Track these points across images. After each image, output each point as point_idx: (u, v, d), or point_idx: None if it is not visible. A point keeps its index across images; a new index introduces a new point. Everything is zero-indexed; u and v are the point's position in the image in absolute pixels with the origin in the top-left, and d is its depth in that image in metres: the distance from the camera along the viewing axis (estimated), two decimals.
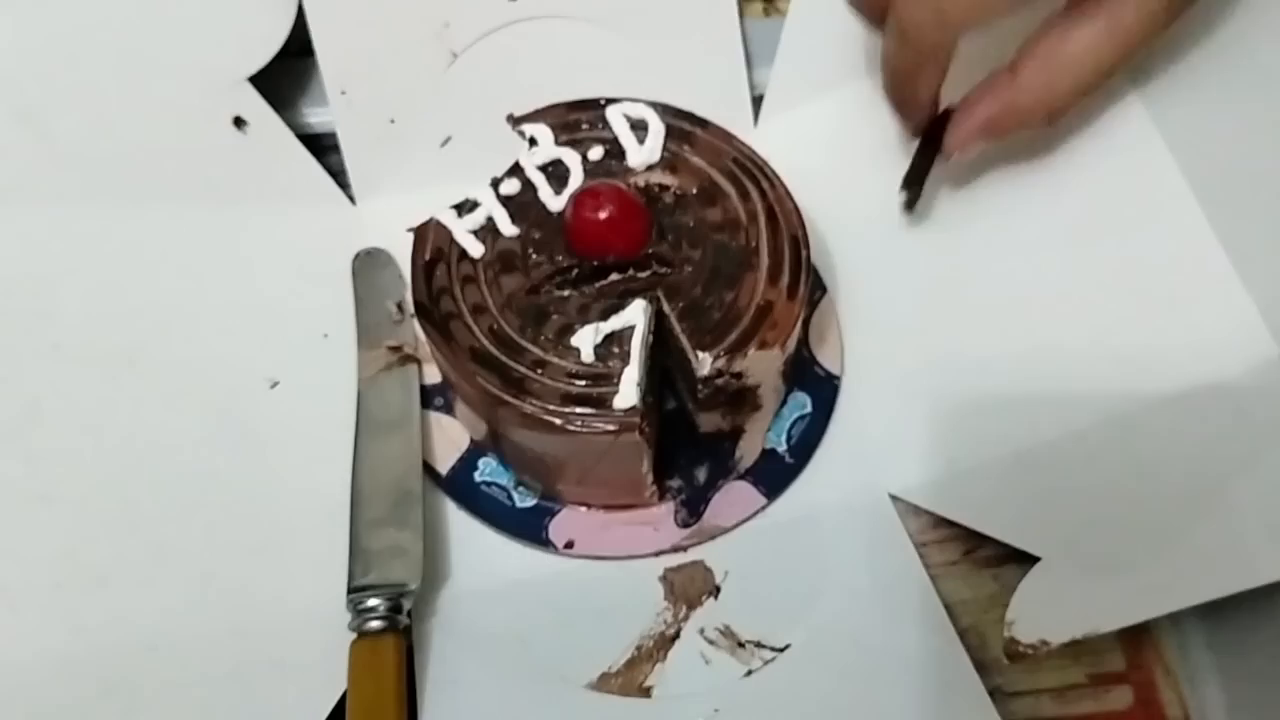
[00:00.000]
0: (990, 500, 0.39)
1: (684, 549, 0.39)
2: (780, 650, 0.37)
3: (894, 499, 0.40)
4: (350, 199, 0.47)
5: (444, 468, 0.41)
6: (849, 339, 0.44)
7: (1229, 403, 0.38)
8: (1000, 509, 0.39)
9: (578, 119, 0.42)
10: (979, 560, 0.39)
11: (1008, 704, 0.36)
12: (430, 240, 0.39)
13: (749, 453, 0.41)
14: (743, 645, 0.37)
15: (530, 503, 0.40)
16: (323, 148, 0.47)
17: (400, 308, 0.43)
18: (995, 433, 0.40)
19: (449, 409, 0.42)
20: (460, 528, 0.40)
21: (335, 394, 0.41)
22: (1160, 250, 0.43)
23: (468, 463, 0.41)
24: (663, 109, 0.41)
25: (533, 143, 0.41)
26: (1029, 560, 0.37)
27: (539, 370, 0.36)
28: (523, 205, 0.40)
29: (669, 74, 0.46)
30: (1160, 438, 0.38)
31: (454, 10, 0.46)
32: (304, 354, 0.43)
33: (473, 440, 0.41)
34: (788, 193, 0.40)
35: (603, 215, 0.37)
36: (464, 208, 0.39)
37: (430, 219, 0.39)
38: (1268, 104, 0.40)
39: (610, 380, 0.36)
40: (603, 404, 0.35)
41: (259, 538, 0.39)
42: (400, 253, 0.45)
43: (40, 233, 0.42)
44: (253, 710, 0.35)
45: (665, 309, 0.37)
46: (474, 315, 0.37)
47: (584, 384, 0.36)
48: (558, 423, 0.35)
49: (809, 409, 0.42)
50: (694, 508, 0.40)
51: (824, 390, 0.43)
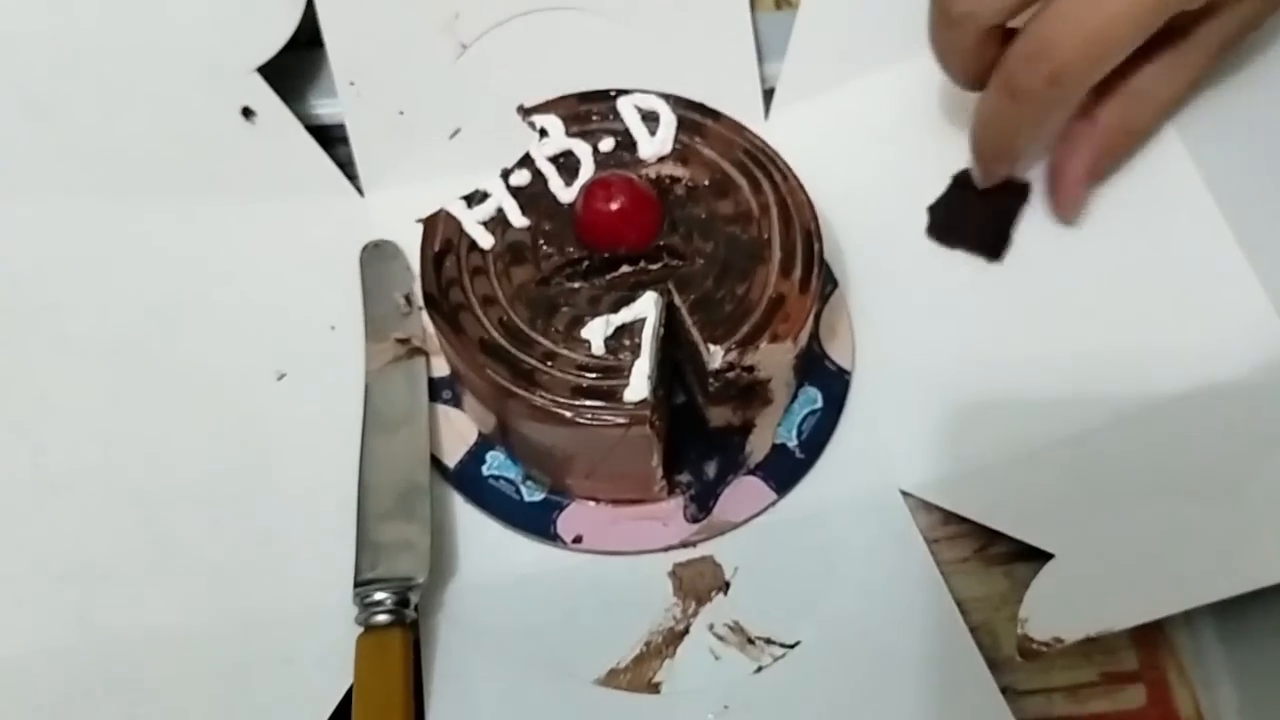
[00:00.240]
0: (1002, 497, 0.39)
1: (693, 544, 0.39)
2: (790, 647, 0.37)
3: (905, 495, 0.40)
4: (358, 190, 0.47)
5: (451, 461, 0.41)
6: (860, 334, 0.44)
7: (1243, 400, 0.38)
8: (1012, 505, 0.38)
9: (588, 110, 0.41)
10: (991, 557, 0.39)
11: (1019, 702, 0.36)
12: (440, 231, 0.39)
13: (759, 448, 0.40)
14: (752, 641, 0.37)
15: (538, 497, 0.40)
16: (331, 139, 0.47)
17: (408, 300, 0.43)
18: (1007, 429, 0.40)
19: (457, 402, 0.42)
20: (468, 522, 0.40)
21: (342, 386, 0.41)
22: (1175, 248, 0.43)
23: (475, 456, 0.41)
24: (674, 100, 0.41)
25: (543, 134, 0.40)
26: (1041, 557, 0.36)
27: (549, 362, 0.36)
28: (533, 196, 0.39)
29: (679, 66, 0.45)
30: (1174, 435, 0.38)
31: (464, 1, 0.46)
32: (311, 346, 0.43)
33: (481, 433, 0.41)
34: (800, 185, 0.39)
35: (614, 207, 0.37)
36: (474, 199, 0.39)
37: (440, 210, 0.39)
38: None
39: (621, 373, 0.35)
40: (613, 397, 0.35)
41: (265, 530, 0.38)
42: (408, 244, 0.45)
43: (48, 224, 0.42)
44: (259, 704, 0.35)
45: (676, 301, 0.37)
46: (484, 307, 0.37)
47: (594, 376, 0.35)
48: (567, 415, 0.35)
49: (820, 404, 0.42)
50: (703, 503, 0.40)
51: (835, 385, 0.42)
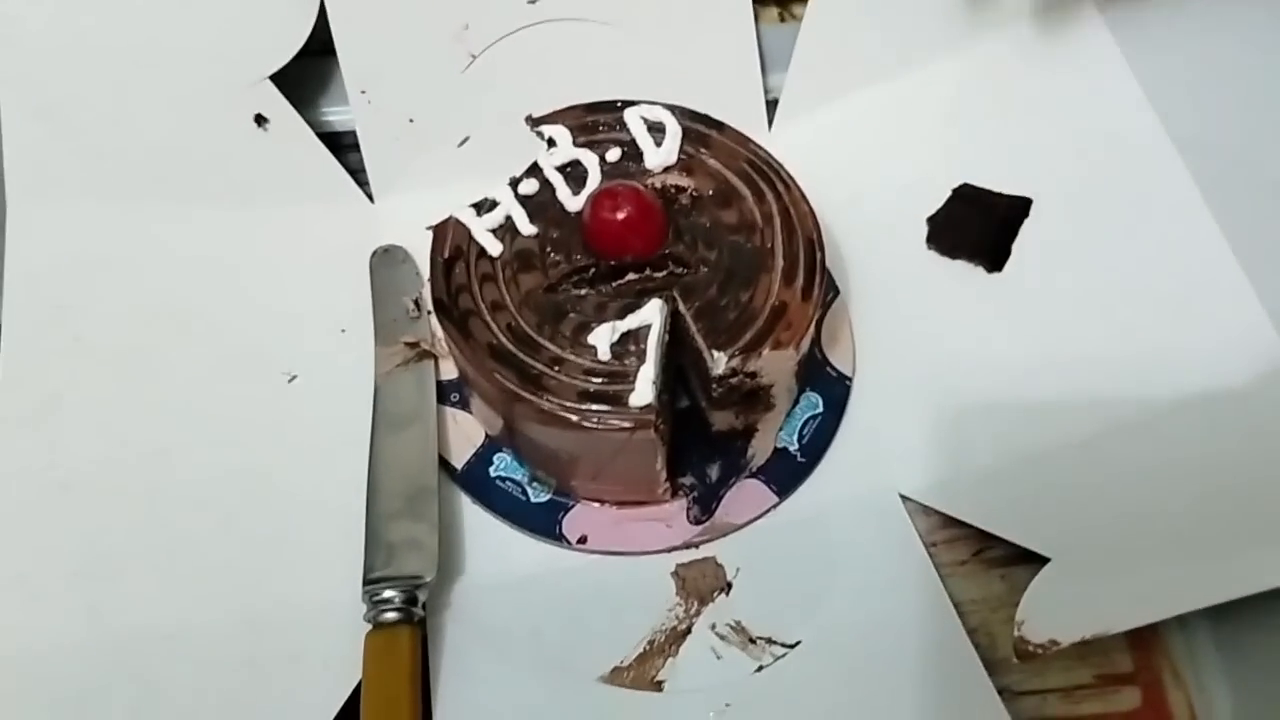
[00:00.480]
0: (1000, 501, 0.40)
1: (696, 546, 0.40)
2: (791, 647, 0.37)
3: (904, 499, 0.40)
4: (369, 197, 0.48)
5: (459, 463, 0.41)
6: (861, 340, 0.44)
7: (1239, 406, 0.38)
8: (1010, 510, 0.39)
9: (596, 120, 0.42)
10: (988, 560, 0.40)
11: (1015, 703, 0.36)
12: (449, 238, 0.39)
13: (761, 451, 0.41)
14: (754, 641, 0.38)
15: (544, 498, 0.41)
16: (342, 146, 0.48)
17: (417, 304, 0.44)
18: (1005, 434, 0.41)
19: (464, 405, 0.42)
20: (475, 522, 0.41)
21: (352, 389, 0.42)
22: (1171, 258, 0.44)
23: (483, 458, 0.41)
24: (680, 111, 0.42)
25: (551, 143, 0.41)
26: (1038, 561, 0.37)
27: (556, 367, 0.37)
28: (541, 205, 0.40)
29: (684, 77, 0.46)
30: (1169, 441, 0.39)
31: (473, 12, 0.47)
32: (322, 349, 0.43)
33: (488, 436, 0.42)
34: (803, 195, 0.40)
35: (620, 216, 0.38)
36: (483, 206, 0.40)
37: (449, 217, 0.40)
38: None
39: (626, 378, 0.36)
40: (619, 401, 0.36)
41: (276, 529, 0.39)
42: (417, 250, 0.45)
43: (62, 226, 0.43)
44: (268, 700, 0.36)
45: (681, 308, 0.38)
46: (492, 313, 0.38)
47: (600, 381, 0.36)
48: (574, 419, 0.36)
49: (821, 409, 0.42)
50: (706, 505, 0.40)
51: (836, 390, 0.43)
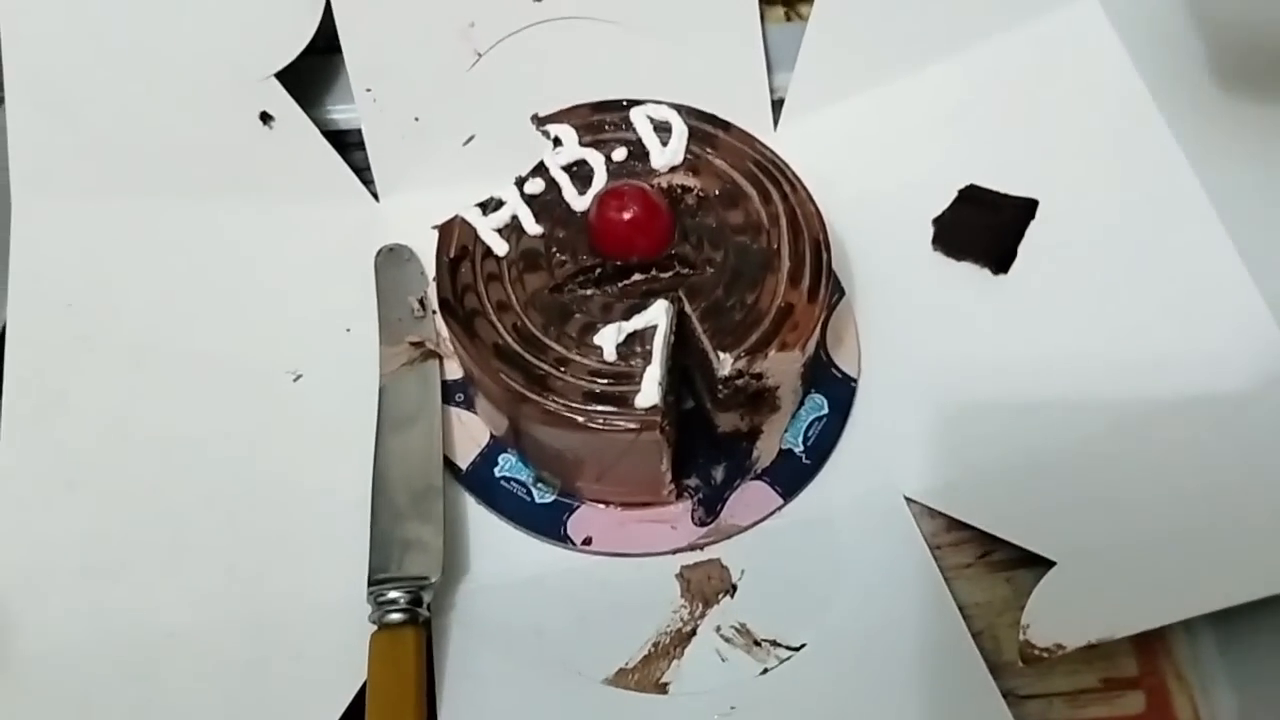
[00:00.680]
0: (1005, 504, 0.39)
1: (701, 547, 0.40)
2: (796, 649, 0.37)
3: (909, 501, 0.40)
4: (374, 195, 0.48)
5: (464, 463, 0.41)
6: (866, 342, 0.44)
7: (1245, 409, 0.38)
8: (1015, 513, 0.39)
9: (601, 120, 0.42)
10: (993, 563, 0.39)
11: (1020, 707, 0.36)
12: (455, 238, 0.39)
13: (766, 453, 0.41)
14: (759, 644, 0.37)
15: (549, 499, 0.41)
16: (347, 144, 0.48)
17: (422, 303, 0.44)
18: (1011, 437, 0.41)
19: (469, 405, 0.42)
20: (479, 523, 0.41)
21: (357, 388, 0.42)
22: (1177, 260, 0.43)
23: (488, 458, 0.41)
24: (686, 111, 0.42)
25: (557, 143, 0.41)
26: (1043, 564, 0.37)
27: (562, 368, 0.36)
28: (547, 204, 0.40)
29: (690, 76, 0.46)
30: (1175, 444, 0.38)
31: (479, 10, 0.46)
32: (326, 348, 0.43)
33: (493, 436, 0.42)
34: (809, 196, 0.40)
35: (627, 216, 0.38)
36: (489, 206, 0.40)
37: (455, 216, 0.40)
38: None
39: (632, 379, 0.36)
40: (624, 402, 0.36)
41: (281, 529, 0.39)
42: (422, 249, 0.45)
43: (68, 223, 0.43)
44: (273, 700, 0.36)
45: (687, 309, 0.38)
46: (498, 312, 0.38)
47: (606, 382, 0.36)
48: (580, 420, 0.36)
49: (826, 410, 0.42)
50: (711, 507, 0.40)
51: (841, 392, 0.43)
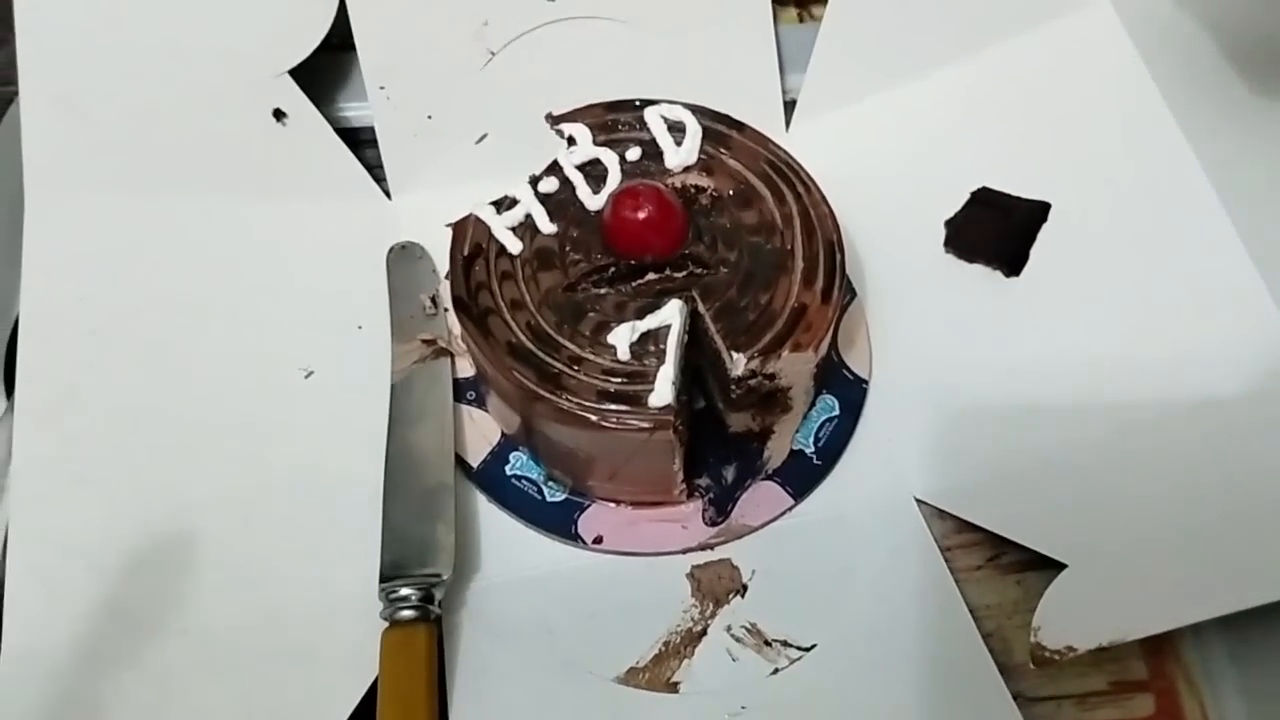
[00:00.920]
0: (1016, 506, 0.40)
1: (711, 547, 0.40)
2: (806, 650, 0.37)
3: (920, 502, 0.40)
4: (386, 193, 0.48)
5: (475, 461, 0.41)
6: (877, 343, 0.44)
7: (1257, 413, 0.38)
8: (1026, 515, 0.39)
9: (616, 119, 0.42)
10: (1004, 566, 0.40)
11: (1030, 709, 0.36)
12: (469, 236, 0.39)
13: (777, 453, 0.41)
14: (769, 644, 0.38)
15: (560, 497, 0.41)
16: (360, 142, 0.48)
17: (434, 301, 0.44)
18: (1021, 439, 0.41)
19: (481, 402, 0.42)
20: (490, 521, 0.41)
21: (369, 385, 0.42)
22: (1188, 263, 0.43)
23: (499, 456, 0.41)
24: (700, 111, 0.42)
25: (571, 142, 0.41)
26: (1053, 567, 0.37)
27: (575, 367, 0.37)
28: (561, 203, 0.40)
29: (703, 76, 0.46)
30: (1186, 447, 0.38)
31: (493, 9, 0.46)
32: (338, 345, 0.43)
33: (504, 434, 0.42)
34: (823, 197, 0.40)
35: (641, 215, 0.38)
36: (503, 204, 0.40)
37: (469, 215, 0.40)
38: None
39: (646, 378, 0.36)
40: (638, 402, 0.36)
41: (292, 526, 0.39)
42: (434, 247, 0.45)
43: (81, 219, 0.43)
44: (284, 696, 0.36)
45: (700, 309, 0.38)
46: (512, 311, 0.38)
47: (620, 381, 0.36)
48: (593, 419, 0.36)
49: (837, 411, 0.42)
50: (722, 506, 0.40)
51: (852, 393, 0.43)
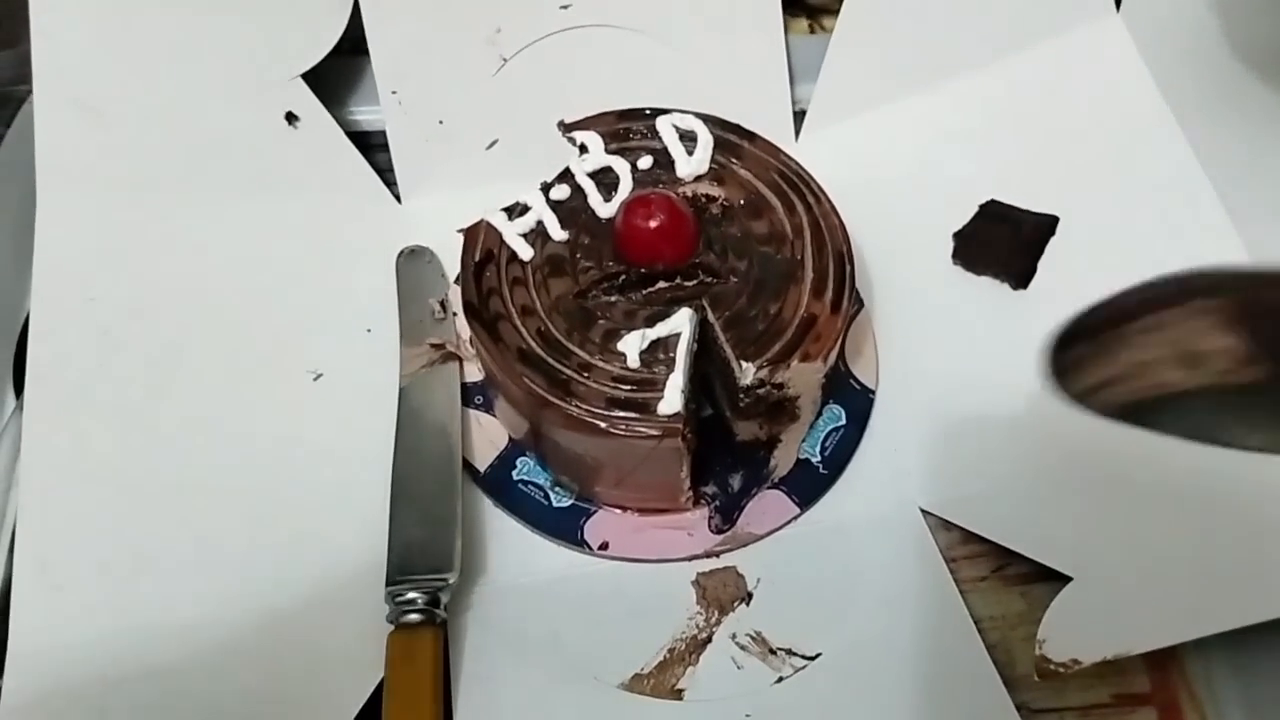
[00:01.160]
0: (1021, 518, 0.40)
1: (717, 555, 0.40)
2: (811, 658, 0.37)
3: (925, 513, 0.41)
4: (396, 197, 0.48)
5: (482, 465, 0.41)
6: (885, 354, 0.44)
7: None
8: (1031, 527, 0.39)
9: (627, 128, 0.42)
10: (1008, 577, 0.40)
11: None
12: (481, 242, 0.40)
13: (783, 462, 0.41)
14: (774, 652, 0.38)
15: (567, 503, 0.41)
16: (371, 145, 0.48)
17: (443, 306, 0.44)
18: (1027, 451, 0.41)
19: (489, 407, 0.42)
20: (497, 525, 0.41)
21: (377, 388, 0.42)
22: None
23: (506, 461, 0.42)
24: (712, 121, 0.42)
25: (583, 149, 0.41)
26: (1058, 579, 0.37)
27: (585, 373, 0.37)
28: (572, 211, 0.40)
29: (713, 85, 0.46)
30: (1192, 461, 0.38)
31: (506, 15, 0.47)
32: (347, 348, 0.43)
33: (511, 439, 0.42)
34: (833, 208, 0.40)
35: (653, 224, 0.38)
36: (514, 211, 0.40)
37: (481, 220, 0.40)
38: None
39: (655, 386, 0.36)
40: (647, 409, 0.36)
41: (300, 528, 0.39)
42: (444, 251, 0.45)
43: (93, 219, 0.43)
44: (290, 698, 0.36)
45: (710, 318, 0.38)
46: (522, 317, 0.38)
47: (629, 389, 0.36)
48: (602, 426, 0.36)
49: (843, 421, 0.43)
50: (728, 514, 0.40)
51: (859, 403, 0.43)
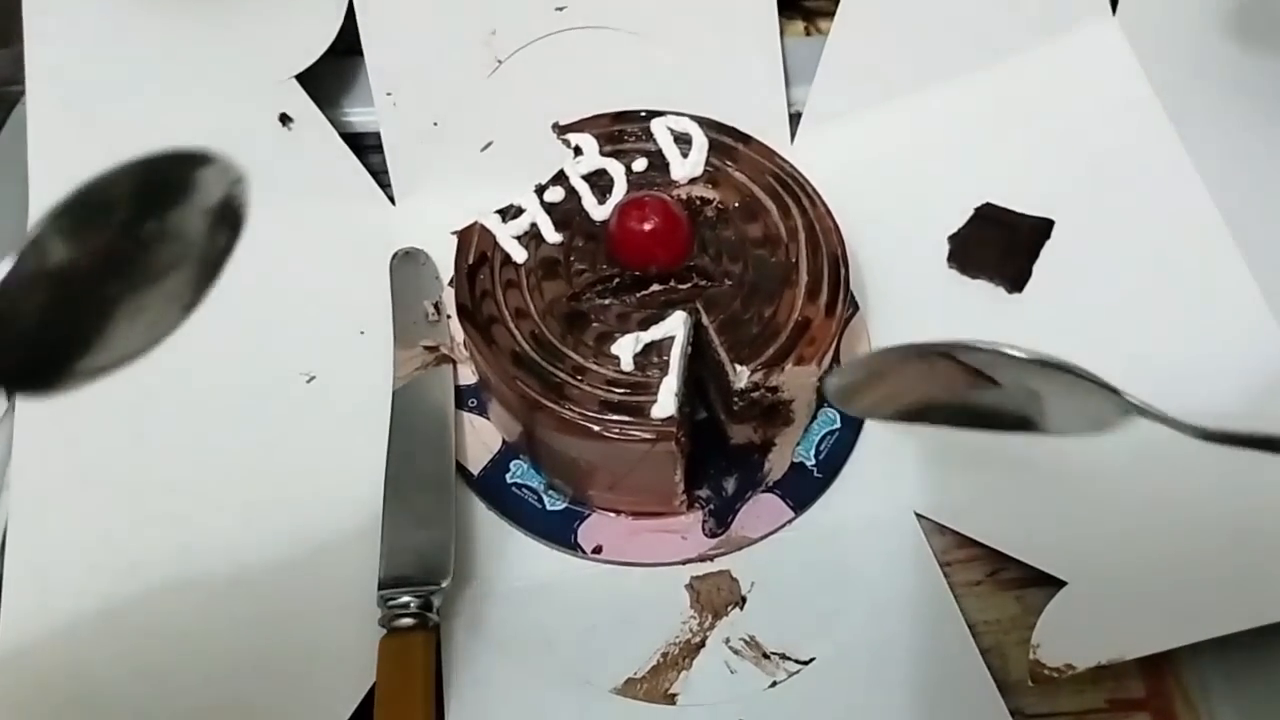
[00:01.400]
0: (1016, 522, 0.40)
1: (711, 558, 0.40)
2: (805, 663, 0.37)
3: (920, 517, 0.40)
4: (390, 199, 0.48)
5: (475, 468, 0.41)
6: None
7: (1258, 430, 0.38)
8: (1026, 531, 0.39)
9: (622, 130, 0.42)
10: (1003, 582, 0.40)
11: None
12: (474, 244, 0.39)
13: (778, 466, 0.41)
14: (768, 657, 0.37)
15: (560, 506, 0.41)
16: (365, 147, 0.48)
17: (437, 308, 0.44)
18: (1022, 455, 0.41)
19: (482, 410, 0.42)
20: (490, 529, 0.41)
21: (370, 391, 0.42)
22: (1191, 279, 0.44)
23: (499, 464, 0.41)
24: (707, 123, 0.42)
25: (578, 152, 0.41)
26: (1053, 583, 0.37)
27: (578, 377, 0.37)
28: (566, 213, 0.40)
29: (708, 87, 0.46)
30: (1189, 465, 0.38)
31: (501, 17, 0.47)
32: (340, 350, 0.43)
33: (505, 442, 0.42)
34: (828, 211, 0.40)
35: (647, 226, 0.38)
36: (508, 213, 0.40)
37: (475, 223, 0.40)
38: None
39: (649, 389, 0.36)
40: (640, 413, 0.36)
41: (291, 531, 0.39)
42: (438, 253, 0.45)
43: None
44: (281, 702, 0.36)
45: (705, 321, 0.38)
46: (516, 319, 0.38)
47: (623, 392, 0.36)
48: (595, 429, 0.36)
49: (838, 425, 0.42)
50: (722, 518, 0.40)
51: None
